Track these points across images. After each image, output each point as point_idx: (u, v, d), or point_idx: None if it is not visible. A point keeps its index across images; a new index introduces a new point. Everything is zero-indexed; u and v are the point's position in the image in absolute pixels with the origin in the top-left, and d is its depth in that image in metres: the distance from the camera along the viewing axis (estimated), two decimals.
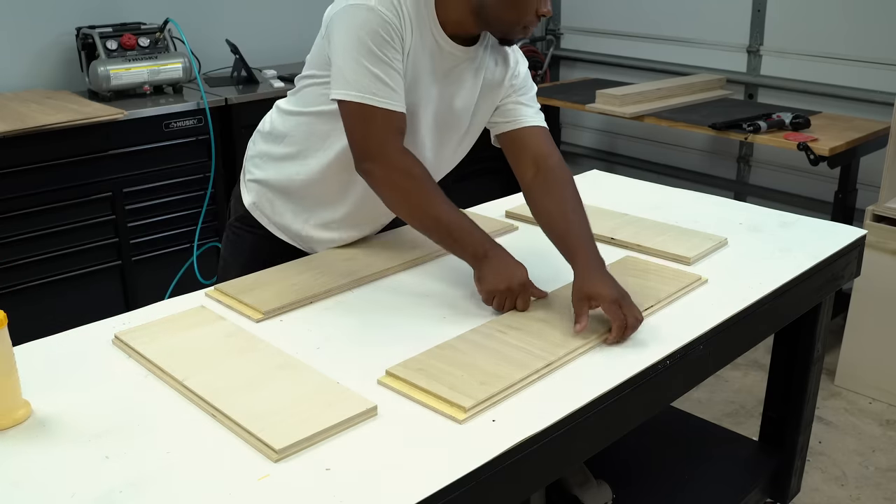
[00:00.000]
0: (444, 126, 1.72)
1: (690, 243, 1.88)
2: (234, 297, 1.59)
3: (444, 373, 1.32)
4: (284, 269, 1.72)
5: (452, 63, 1.64)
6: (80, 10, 3.32)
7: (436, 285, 1.69)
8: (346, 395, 1.28)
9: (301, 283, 1.65)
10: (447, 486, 1.09)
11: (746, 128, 3.17)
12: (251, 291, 1.61)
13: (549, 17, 1.58)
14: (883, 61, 3.43)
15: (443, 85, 1.66)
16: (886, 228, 2.89)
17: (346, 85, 1.50)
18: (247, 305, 1.57)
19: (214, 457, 1.16)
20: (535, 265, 1.60)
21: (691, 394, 2.89)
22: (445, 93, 1.67)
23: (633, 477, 2.06)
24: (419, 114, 1.64)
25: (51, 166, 2.83)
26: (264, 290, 1.61)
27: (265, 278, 1.67)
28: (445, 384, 1.28)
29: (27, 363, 1.32)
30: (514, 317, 1.52)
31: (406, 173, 1.53)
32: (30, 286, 2.90)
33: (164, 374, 1.35)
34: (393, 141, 1.53)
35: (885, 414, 2.96)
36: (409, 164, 1.54)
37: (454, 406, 1.24)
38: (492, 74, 1.72)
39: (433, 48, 1.60)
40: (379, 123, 1.51)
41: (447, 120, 1.71)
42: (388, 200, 1.57)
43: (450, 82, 1.67)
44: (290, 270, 1.71)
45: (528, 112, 1.76)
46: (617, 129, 4.55)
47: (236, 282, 1.65)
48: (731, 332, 1.59)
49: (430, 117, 1.67)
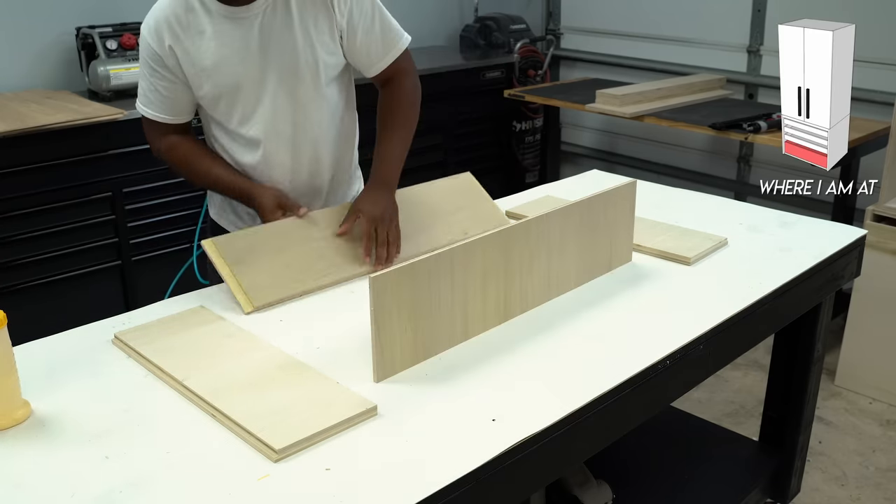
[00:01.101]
0: (287, 80, 1.77)
1: (690, 243, 1.88)
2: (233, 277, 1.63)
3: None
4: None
5: (229, 24, 1.71)
6: (80, 10, 3.32)
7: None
8: (346, 395, 1.28)
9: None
10: (447, 485, 1.09)
11: (746, 128, 3.17)
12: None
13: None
14: (883, 61, 3.43)
15: (246, 47, 1.73)
16: (886, 228, 2.89)
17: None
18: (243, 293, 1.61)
19: (214, 457, 1.16)
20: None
21: (691, 394, 2.88)
22: (262, 52, 1.74)
23: (633, 477, 2.06)
24: (253, 79, 1.75)
25: (51, 166, 2.83)
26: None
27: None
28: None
29: (27, 363, 1.32)
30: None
31: (171, 153, 1.83)
32: (30, 286, 2.90)
33: (163, 374, 1.36)
34: (156, 141, 1.85)
35: (885, 414, 2.96)
36: (173, 148, 1.82)
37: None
38: (309, 22, 1.74)
39: (218, 21, 1.71)
40: (146, 126, 1.85)
41: (282, 78, 1.76)
42: (180, 176, 1.89)
43: (261, 41, 1.73)
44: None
45: (378, 53, 1.81)
46: (617, 129, 4.54)
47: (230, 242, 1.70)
48: (731, 332, 1.59)
49: (260, 79, 1.76)
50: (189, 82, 1.76)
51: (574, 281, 1.69)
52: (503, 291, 1.53)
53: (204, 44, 1.72)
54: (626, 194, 1.77)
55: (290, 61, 1.74)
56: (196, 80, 1.75)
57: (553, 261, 1.61)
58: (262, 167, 1.83)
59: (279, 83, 1.76)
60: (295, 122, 1.81)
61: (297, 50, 1.74)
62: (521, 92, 4.04)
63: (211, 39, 1.71)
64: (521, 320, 1.56)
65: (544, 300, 1.62)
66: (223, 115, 1.80)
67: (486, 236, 1.47)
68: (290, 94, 1.78)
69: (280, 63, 1.74)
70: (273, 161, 1.83)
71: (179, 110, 1.81)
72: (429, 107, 4.06)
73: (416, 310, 1.36)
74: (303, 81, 1.77)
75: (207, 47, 1.72)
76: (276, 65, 1.74)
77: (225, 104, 1.78)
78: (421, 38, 4.42)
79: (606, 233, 1.73)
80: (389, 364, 1.35)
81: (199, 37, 1.71)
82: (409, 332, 1.36)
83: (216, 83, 1.75)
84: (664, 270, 1.79)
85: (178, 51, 1.72)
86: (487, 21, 4.44)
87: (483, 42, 4.43)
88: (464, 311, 1.45)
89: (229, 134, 1.83)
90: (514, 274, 1.53)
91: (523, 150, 4.37)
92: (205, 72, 1.74)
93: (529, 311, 1.59)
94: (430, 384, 1.35)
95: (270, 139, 1.81)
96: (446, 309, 1.42)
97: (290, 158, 1.84)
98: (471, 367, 1.40)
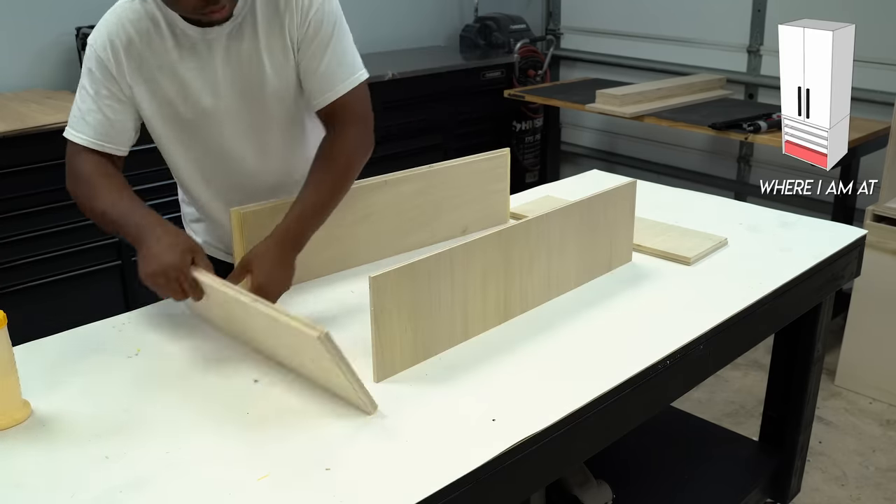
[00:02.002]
0: (251, 105, 1.62)
1: (690, 243, 1.88)
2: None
3: None
4: None
5: (196, 46, 1.55)
6: (80, 10, 3.32)
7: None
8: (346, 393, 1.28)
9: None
10: (447, 485, 1.09)
11: (746, 128, 3.17)
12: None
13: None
14: (883, 61, 3.43)
15: (219, 69, 1.57)
16: (886, 228, 2.89)
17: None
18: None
19: (214, 457, 1.16)
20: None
21: (691, 394, 2.88)
22: (229, 74, 1.58)
23: (633, 477, 2.05)
24: (217, 103, 1.59)
25: (51, 166, 2.82)
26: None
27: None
28: None
29: (27, 363, 1.32)
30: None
31: (76, 180, 1.61)
32: (30, 286, 2.90)
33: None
34: (72, 160, 1.62)
35: (885, 414, 2.96)
36: (81, 171, 1.60)
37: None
38: (283, 39, 1.58)
39: (185, 41, 1.55)
40: (67, 150, 1.63)
41: (248, 100, 1.61)
42: (80, 209, 1.63)
43: (230, 63, 1.57)
44: None
45: (327, 85, 1.60)
46: (617, 129, 4.54)
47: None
48: (731, 332, 1.59)
49: (227, 102, 1.60)
50: (138, 106, 1.58)
51: (574, 281, 1.69)
52: (503, 291, 1.52)
53: (167, 67, 1.55)
54: (626, 194, 1.77)
55: (258, 86, 1.59)
56: (152, 104, 1.58)
57: (553, 261, 1.61)
58: (226, 188, 1.70)
59: (244, 107, 1.61)
60: (261, 143, 1.67)
61: (263, 74, 1.59)
62: (521, 92, 4.04)
63: (176, 63, 1.55)
64: (520, 320, 1.56)
65: (544, 300, 1.62)
66: (181, 140, 1.65)
67: (487, 236, 1.47)
68: (257, 117, 1.63)
69: (246, 88, 1.59)
70: (237, 180, 1.69)
71: (123, 139, 1.60)
72: (429, 107, 4.07)
73: (416, 310, 1.36)
74: (269, 104, 1.62)
75: (171, 71, 1.56)
76: (242, 90, 1.59)
77: (188, 131, 1.63)
78: (421, 38, 4.43)
79: (606, 233, 1.73)
80: (389, 364, 1.35)
81: (163, 59, 1.55)
82: (409, 332, 1.36)
83: (180, 110, 1.59)
84: (664, 270, 1.79)
85: (135, 71, 1.54)
86: (487, 21, 4.44)
87: (483, 42, 4.43)
88: (464, 310, 1.45)
89: (189, 159, 1.68)
90: (514, 274, 1.53)
91: (523, 150, 4.38)
92: (165, 98, 1.58)
93: (529, 311, 1.59)
94: (430, 384, 1.35)
95: (233, 160, 1.67)
96: (446, 309, 1.42)
97: (255, 177, 1.70)
98: (471, 367, 1.40)
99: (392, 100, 3.68)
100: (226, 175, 1.70)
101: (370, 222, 1.77)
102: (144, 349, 1.46)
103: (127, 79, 1.55)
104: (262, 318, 1.30)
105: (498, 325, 1.53)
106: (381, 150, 1.83)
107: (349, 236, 1.73)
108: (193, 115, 1.60)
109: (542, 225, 1.58)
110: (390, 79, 3.65)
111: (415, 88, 3.86)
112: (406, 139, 3.74)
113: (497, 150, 1.98)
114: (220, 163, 1.68)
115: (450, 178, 1.90)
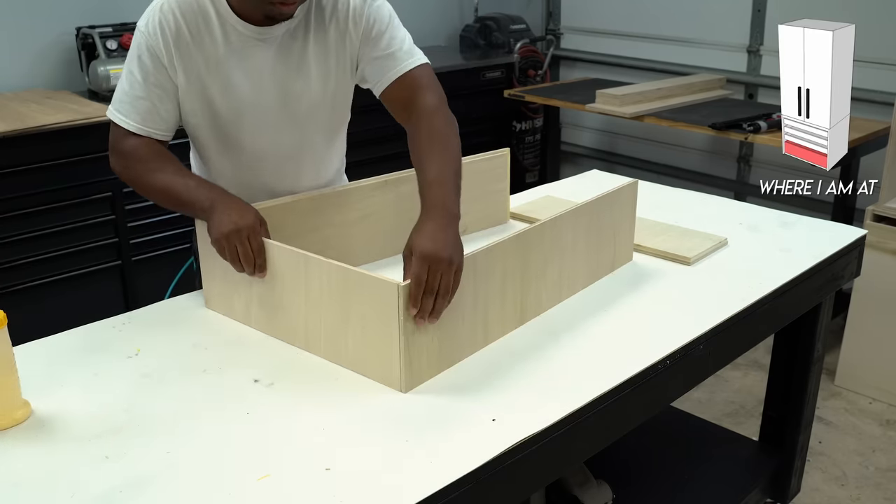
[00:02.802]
0: (292, 109, 1.65)
1: (690, 243, 1.88)
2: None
3: None
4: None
5: (246, 44, 1.56)
6: (80, 10, 3.32)
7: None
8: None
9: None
10: (447, 485, 1.09)
11: (746, 128, 3.17)
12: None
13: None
14: (883, 61, 3.43)
15: (266, 70, 1.59)
16: (886, 228, 2.89)
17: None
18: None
19: (214, 457, 1.16)
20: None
21: (691, 394, 2.88)
22: (276, 76, 1.60)
23: (633, 477, 2.05)
24: (258, 103, 1.61)
25: (51, 166, 2.83)
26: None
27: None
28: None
29: (27, 363, 1.32)
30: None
31: (127, 159, 1.58)
32: (30, 286, 2.90)
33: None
34: (120, 141, 1.59)
35: (885, 414, 2.96)
36: (132, 151, 1.58)
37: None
38: (329, 47, 1.62)
39: (235, 38, 1.56)
40: (113, 131, 1.60)
41: (289, 103, 1.64)
42: (131, 186, 1.62)
43: (277, 66, 1.60)
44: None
45: (392, 63, 1.62)
46: (617, 129, 4.54)
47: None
48: (731, 332, 1.59)
49: (268, 103, 1.62)
50: (181, 96, 1.60)
51: (582, 283, 1.68)
52: (520, 295, 1.51)
53: (212, 62, 1.56)
54: (628, 195, 1.77)
55: (301, 90, 1.62)
56: (192, 98, 1.59)
57: (565, 263, 1.61)
58: (259, 185, 1.71)
59: (283, 110, 1.64)
60: (299, 147, 1.70)
61: (308, 79, 1.61)
62: (521, 92, 4.04)
63: (222, 60, 1.56)
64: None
65: (556, 303, 1.61)
66: (218, 137, 1.66)
67: (506, 240, 1.45)
68: (292, 121, 1.66)
69: (289, 91, 1.62)
70: (272, 182, 1.71)
71: (169, 125, 1.61)
72: None
73: (442, 316, 1.33)
74: (306, 110, 1.65)
75: (216, 67, 1.57)
76: (285, 92, 1.62)
77: (223, 127, 1.64)
78: (421, 38, 4.37)
79: (610, 233, 1.73)
80: (417, 373, 1.33)
81: (210, 53, 1.55)
82: (435, 341, 1.34)
83: (218, 106, 1.60)
84: (664, 270, 1.79)
85: (183, 59, 1.55)
86: (487, 21, 4.44)
87: (483, 42, 4.43)
88: (485, 316, 1.44)
89: (225, 154, 1.69)
90: (530, 278, 1.52)
91: (523, 150, 4.38)
92: (204, 93, 1.59)
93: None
94: (430, 384, 1.34)
95: (270, 163, 1.70)
96: (469, 314, 1.40)
97: (291, 179, 1.73)
98: (470, 367, 1.40)
99: None
100: (250, 173, 1.70)
101: (369, 222, 1.76)
102: (144, 349, 1.46)
103: (176, 68, 1.55)
104: (334, 272, 1.34)
105: (514, 329, 1.51)
106: (381, 150, 1.84)
107: (348, 236, 1.73)
108: (230, 113, 1.61)
109: (557, 227, 1.57)
110: None
111: None
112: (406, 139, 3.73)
113: (497, 150, 1.98)
114: (246, 160, 1.69)
115: None
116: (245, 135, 1.65)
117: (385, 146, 2.94)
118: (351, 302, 1.34)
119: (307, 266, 1.39)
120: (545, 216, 1.58)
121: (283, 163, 1.71)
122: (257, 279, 1.48)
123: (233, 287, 1.54)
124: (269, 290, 1.48)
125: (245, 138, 1.66)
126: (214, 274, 1.57)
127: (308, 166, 1.75)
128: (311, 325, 1.42)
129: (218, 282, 1.57)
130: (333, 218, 1.64)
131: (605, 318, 1.58)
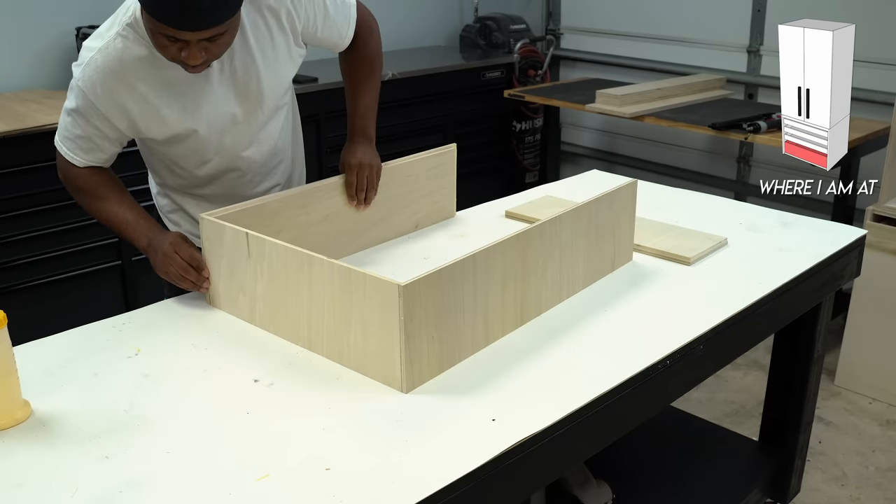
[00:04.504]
0: (243, 111, 1.69)
1: (690, 243, 1.88)
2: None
3: None
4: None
5: (185, 77, 1.58)
6: (80, 10, 3.32)
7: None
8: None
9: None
10: (447, 485, 1.09)
11: (746, 128, 3.17)
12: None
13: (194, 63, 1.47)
14: (883, 61, 3.43)
15: (211, 90, 1.63)
16: (886, 228, 2.89)
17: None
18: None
19: (214, 457, 1.16)
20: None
21: (691, 394, 2.88)
22: (219, 94, 1.64)
23: (633, 477, 2.06)
24: (212, 118, 1.65)
25: (51, 166, 2.76)
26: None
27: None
28: None
29: (27, 363, 1.32)
30: None
31: (73, 187, 1.71)
32: (30, 286, 2.90)
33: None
34: (65, 169, 1.70)
35: (885, 414, 2.96)
36: (76, 182, 1.69)
37: None
38: (266, 46, 1.65)
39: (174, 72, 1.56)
40: (58, 158, 1.71)
41: (238, 109, 1.68)
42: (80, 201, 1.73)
43: (220, 89, 1.64)
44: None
45: (335, 31, 1.77)
46: (617, 129, 4.54)
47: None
48: (731, 332, 1.59)
49: (220, 114, 1.66)
50: (135, 130, 1.64)
51: (581, 283, 1.68)
52: (520, 295, 1.51)
53: (161, 90, 1.58)
54: (628, 194, 1.77)
55: (255, 87, 1.66)
56: (147, 128, 1.63)
57: (564, 262, 1.61)
58: (227, 185, 1.79)
59: (243, 109, 1.68)
60: (258, 135, 1.75)
61: (258, 74, 1.65)
62: (521, 92, 4.04)
63: (172, 85, 1.58)
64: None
65: (556, 303, 1.61)
66: (179, 154, 1.71)
67: (506, 240, 1.45)
68: (254, 114, 1.70)
69: (245, 93, 1.66)
70: (240, 179, 1.79)
71: (109, 156, 1.69)
72: (429, 107, 4.07)
73: (442, 317, 1.34)
74: (266, 104, 1.71)
75: (167, 93, 1.59)
76: (241, 95, 1.66)
77: (183, 146, 1.69)
78: (421, 38, 4.43)
79: (610, 233, 1.73)
80: (418, 374, 1.33)
81: (158, 82, 1.57)
82: (435, 342, 1.34)
83: (174, 129, 1.64)
84: (664, 270, 1.79)
85: (126, 102, 1.58)
86: (487, 21, 4.45)
87: (483, 42, 4.43)
88: (485, 316, 1.44)
89: (185, 170, 1.75)
90: (529, 277, 1.52)
91: (523, 150, 4.38)
92: (161, 121, 1.62)
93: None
94: (429, 384, 1.34)
95: (233, 158, 1.75)
96: (469, 314, 1.40)
97: (250, 168, 1.79)
98: (470, 367, 1.40)
99: (392, 100, 3.68)
100: (223, 170, 1.76)
101: (329, 222, 1.78)
102: (144, 349, 1.46)
103: (116, 115, 1.59)
104: (336, 272, 1.36)
105: (514, 329, 1.51)
106: (381, 150, 1.85)
107: (310, 237, 1.73)
108: (186, 130, 1.64)
109: (556, 227, 1.57)
110: (391, 79, 3.65)
111: (415, 88, 3.86)
112: (406, 139, 3.73)
113: (444, 147, 2.02)
114: (218, 162, 1.73)
115: (401, 175, 1.92)
116: (210, 142, 1.69)
117: (385, 146, 2.94)
118: (352, 302, 1.34)
119: (310, 266, 1.40)
120: (545, 216, 1.58)
121: (251, 152, 1.77)
122: (261, 278, 1.49)
123: (238, 286, 1.55)
124: (274, 289, 1.48)
125: (210, 144, 1.70)
126: (219, 273, 1.58)
127: (265, 142, 1.79)
128: (313, 325, 1.43)
129: (223, 280, 1.58)
130: (297, 219, 1.68)
131: (605, 318, 1.58)
